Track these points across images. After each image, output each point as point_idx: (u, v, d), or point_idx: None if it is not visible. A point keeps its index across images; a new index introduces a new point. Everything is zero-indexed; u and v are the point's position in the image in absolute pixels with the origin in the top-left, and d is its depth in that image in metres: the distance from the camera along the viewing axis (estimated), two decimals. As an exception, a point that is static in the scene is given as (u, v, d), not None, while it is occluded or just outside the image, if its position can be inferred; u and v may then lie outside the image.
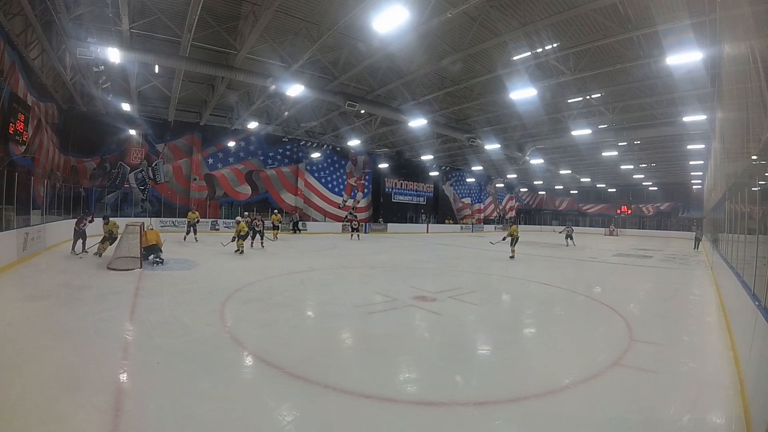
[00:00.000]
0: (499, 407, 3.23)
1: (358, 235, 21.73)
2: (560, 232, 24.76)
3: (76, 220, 11.14)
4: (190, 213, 16.39)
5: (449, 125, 19.96)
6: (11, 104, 10.78)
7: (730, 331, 5.25)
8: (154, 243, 9.35)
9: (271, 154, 25.57)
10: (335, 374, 3.70)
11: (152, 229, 9.95)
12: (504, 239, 14.46)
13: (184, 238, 15.37)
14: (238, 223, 12.78)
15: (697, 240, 21.80)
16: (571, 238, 21.27)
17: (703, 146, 20.17)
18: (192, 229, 15.79)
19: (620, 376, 3.90)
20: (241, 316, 5.59)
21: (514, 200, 47.62)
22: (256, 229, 14.02)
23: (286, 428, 2.83)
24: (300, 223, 23.79)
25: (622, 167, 30.63)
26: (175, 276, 8.27)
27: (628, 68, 12.21)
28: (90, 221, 11.25)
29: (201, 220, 17.08)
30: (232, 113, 20.87)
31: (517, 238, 14.32)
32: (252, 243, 13.98)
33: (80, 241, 10.84)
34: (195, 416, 2.87)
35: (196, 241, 15.12)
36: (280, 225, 19.07)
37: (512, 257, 13.93)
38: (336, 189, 28.93)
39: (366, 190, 30.94)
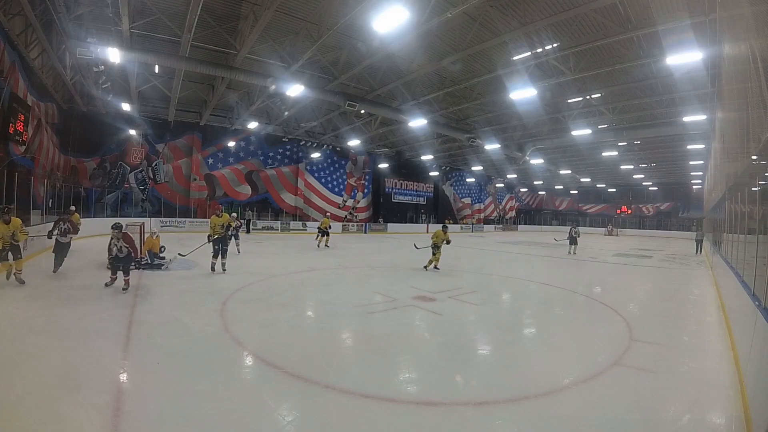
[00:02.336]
0: (499, 407, 3.23)
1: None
2: (559, 241, 19.15)
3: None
4: (215, 218, 9.19)
5: (449, 125, 19.97)
6: (11, 104, 10.78)
7: (730, 331, 5.25)
8: (149, 248, 9.29)
9: (271, 154, 25.58)
10: (335, 374, 3.69)
11: (153, 236, 9.58)
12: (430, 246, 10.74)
13: (212, 268, 8.93)
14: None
15: (698, 242, 19.46)
16: (575, 243, 16.81)
17: (703, 146, 20.18)
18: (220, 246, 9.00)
19: (620, 376, 3.90)
20: (241, 316, 5.58)
21: (514, 200, 47.63)
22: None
23: (286, 428, 2.82)
24: (251, 223, 22.38)
25: (622, 167, 30.65)
26: (175, 276, 8.27)
27: (628, 68, 12.22)
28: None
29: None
30: (232, 113, 20.87)
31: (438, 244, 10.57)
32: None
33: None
34: (195, 416, 2.87)
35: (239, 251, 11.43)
36: (329, 230, 16.07)
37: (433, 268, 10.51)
38: (336, 189, 28.94)
39: (366, 190, 30.95)
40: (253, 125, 20.25)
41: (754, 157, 4.52)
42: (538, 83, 13.05)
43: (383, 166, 30.86)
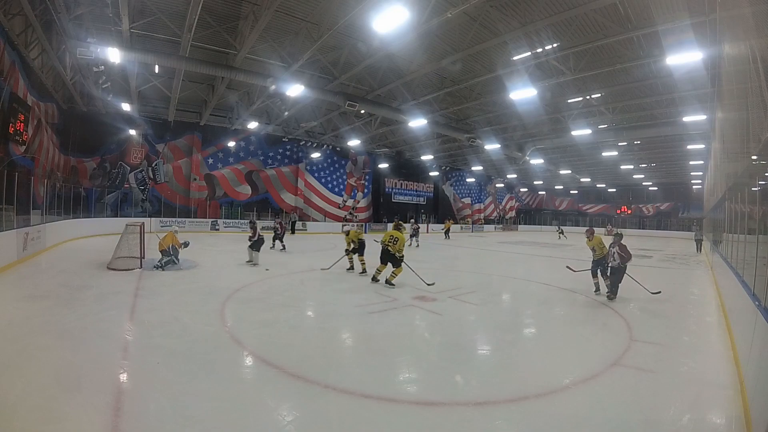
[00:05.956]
0: (499, 407, 3.23)
1: (417, 242, 18.21)
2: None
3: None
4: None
5: (449, 125, 19.96)
6: (11, 104, 10.78)
7: (730, 331, 5.25)
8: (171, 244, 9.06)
9: (271, 154, 25.57)
10: (335, 374, 3.70)
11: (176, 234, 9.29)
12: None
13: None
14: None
15: (698, 242, 20.02)
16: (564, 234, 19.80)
17: (703, 146, 20.17)
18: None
19: (620, 376, 3.90)
20: (241, 316, 5.59)
21: (514, 200, 47.63)
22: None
23: (286, 428, 2.83)
24: (295, 224, 22.95)
25: (622, 167, 30.64)
26: (175, 276, 8.27)
27: (628, 68, 12.21)
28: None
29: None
30: (232, 113, 20.87)
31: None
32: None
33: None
34: (195, 416, 2.87)
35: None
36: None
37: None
38: (336, 189, 28.93)
39: (366, 190, 30.94)
40: (253, 125, 20.24)
41: (754, 157, 4.52)
42: (538, 83, 13.04)
43: (383, 166, 30.84)
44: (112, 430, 2.63)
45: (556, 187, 46.56)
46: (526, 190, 48.17)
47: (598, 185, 42.46)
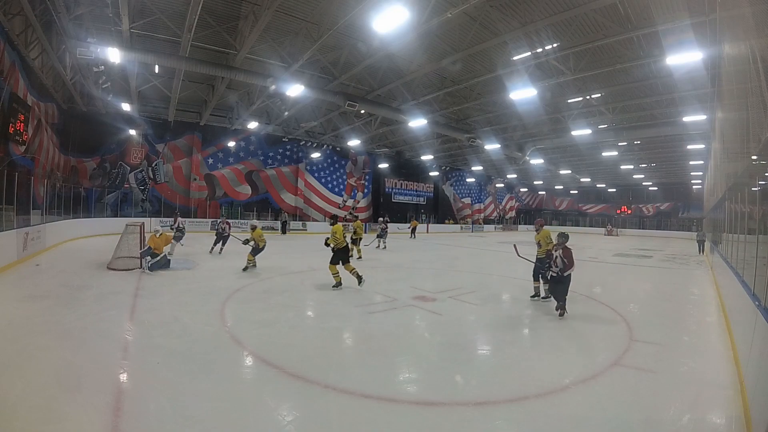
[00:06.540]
0: (499, 407, 3.23)
1: (384, 243, 16.27)
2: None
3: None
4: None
5: (449, 125, 19.97)
6: (11, 104, 10.78)
7: (730, 331, 5.25)
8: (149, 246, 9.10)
9: (271, 154, 25.58)
10: (335, 374, 3.70)
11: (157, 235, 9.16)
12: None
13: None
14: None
15: (701, 242, 18.92)
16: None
17: (703, 146, 20.17)
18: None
19: (620, 376, 3.90)
20: (241, 316, 5.59)
21: (514, 200, 47.64)
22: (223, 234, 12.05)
23: (286, 428, 2.83)
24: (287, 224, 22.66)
25: (622, 167, 30.65)
26: (175, 276, 8.27)
27: (628, 68, 12.22)
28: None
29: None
30: (232, 113, 20.87)
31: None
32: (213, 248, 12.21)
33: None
34: (195, 416, 2.87)
35: None
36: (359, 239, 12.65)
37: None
38: (336, 189, 28.94)
39: (366, 190, 30.95)
40: (253, 125, 20.25)
41: (754, 157, 4.52)
42: (538, 83, 13.05)
43: (383, 166, 30.86)
44: (112, 430, 2.63)
45: (556, 187, 46.58)
46: (526, 190, 48.19)
47: (598, 185, 42.49)
